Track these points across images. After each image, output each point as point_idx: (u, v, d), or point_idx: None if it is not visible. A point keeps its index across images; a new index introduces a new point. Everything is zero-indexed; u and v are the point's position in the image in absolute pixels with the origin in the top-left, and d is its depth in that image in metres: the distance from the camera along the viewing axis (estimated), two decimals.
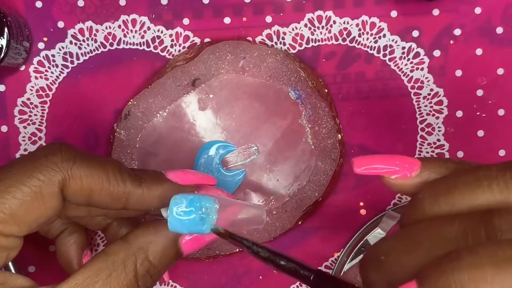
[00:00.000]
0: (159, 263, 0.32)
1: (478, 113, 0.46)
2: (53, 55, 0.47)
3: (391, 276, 0.26)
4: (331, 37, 0.46)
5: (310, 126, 0.45)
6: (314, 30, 0.46)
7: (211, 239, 0.33)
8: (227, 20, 0.46)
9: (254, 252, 0.29)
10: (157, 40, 0.46)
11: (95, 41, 0.47)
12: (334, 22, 0.46)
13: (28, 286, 0.30)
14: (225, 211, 0.32)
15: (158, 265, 0.32)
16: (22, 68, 0.47)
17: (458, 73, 0.46)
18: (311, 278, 0.28)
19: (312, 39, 0.46)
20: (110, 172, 0.32)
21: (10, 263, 0.44)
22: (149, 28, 0.46)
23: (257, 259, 0.29)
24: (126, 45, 0.47)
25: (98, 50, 0.47)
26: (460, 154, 0.46)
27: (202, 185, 0.35)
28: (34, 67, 0.47)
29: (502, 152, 0.46)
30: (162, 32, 0.46)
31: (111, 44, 0.47)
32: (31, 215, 0.30)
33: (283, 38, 0.46)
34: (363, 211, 0.47)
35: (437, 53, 0.46)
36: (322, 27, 0.46)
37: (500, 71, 0.46)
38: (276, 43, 0.46)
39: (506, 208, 0.25)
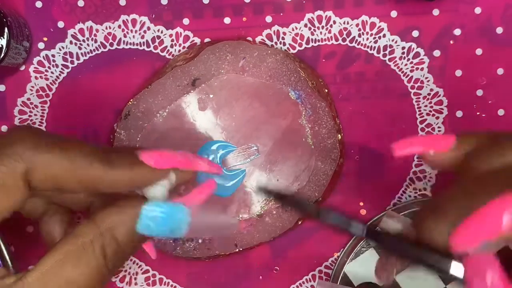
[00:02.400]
0: (126, 243, 0.31)
1: (478, 113, 0.46)
2: (53, 55, 0.47)
3: (455, 221, 0.27)
4: (331, 37, 0.46)
5: (310, 126, 0.45)
6: (314, 30, 0.46)
7: None
8: (227, 20, 0.46)
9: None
10: (157, 40, 0.46)
11: (95, 41, 0.47)
12: (334, 22, 0.46)
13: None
14: (196, 221, 0.31)
15: (126, 246, 0.31)
16: (22, 68, 0.47)
17: (458, 73, 0.46)
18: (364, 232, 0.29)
19: (312, 39, 0.46)
20: (77, 157, 0.30)
21: (9, 263, 0.44)
22: (149, 28, 0.46)
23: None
24: (126, 45, 0.47)
25: (98, 50, 0.47)
26: None
27: (179, 168, 0.34)
28: (34, 67, 0.47)
29: None
30: (162, 32, 0.46)
31: (111, 44, 0.47)
32: None
33: (283, 38, 0.46)
34: (363, 211, 0.47)
35: (437, 53, 0.46)
36: (322, 27, 0.46)
37: (500, 71, 0.46)
38: (276, 43, 0.46)
39: None
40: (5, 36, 0.43)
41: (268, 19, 0.46)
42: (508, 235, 0.26)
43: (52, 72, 0.47)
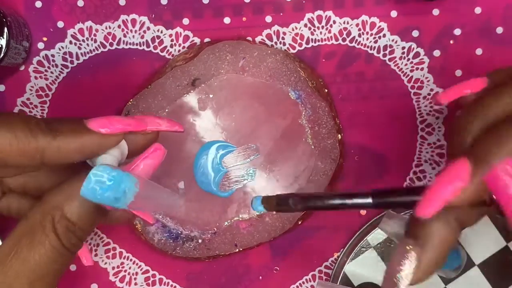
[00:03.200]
0: (78, 219, 0.31)
1: None
2: (52, 55, 0.47)
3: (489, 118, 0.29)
4: (331, 37, 0.46)
5: (310, 126, 0.45)
6: (314, 30, 0.46)
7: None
8: (227, 20, 0.46)
9: (302, 208, 0.29)
10: (157, 40, 0.46)
11: (95, 41, 0.46)
12: (334, 22, 0.46)
13: None
14: (143, 193, 0.30)
15: (78, 222, 0.31)
16: (22, 68, 0.47)
17: (458, 73, 0.46)
18: (371, 201, 0.28)
19: (312, 39, 0.46)
20: (17, 129, 0.29)
21: None
22: (149, 28, 0.46)
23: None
24: (126, 45, 0.47)
25: (98, 50, 0.47)
26: None
27: (129, 132, 0.32)
28: (34, 67, 0.47)
29: None
30: (162, 32, 0.46)
31: (111, 44, 0.47)
32: None
33: (283, 38, 0.46)
34: (363, 211, 0.47)
35: (437, 53, 0.46)
36: (322, 27, 0.46)
37: None
38: (276, 43, 0.46)
39: None
40: (5, 36, 0.43)
41: (268, 19, 0.46)
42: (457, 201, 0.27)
43: (51, 72, 0.47)
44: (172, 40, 0.46)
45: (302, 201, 0.29)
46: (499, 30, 0.45)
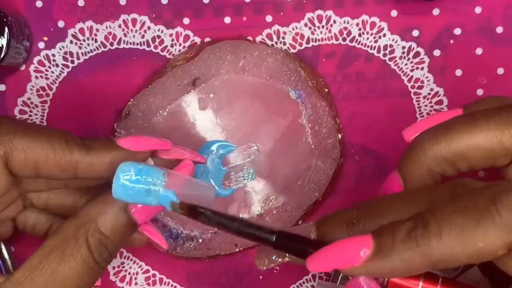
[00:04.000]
0: (111, 233, 0.31)
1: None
2: (53, 55, 0.47)
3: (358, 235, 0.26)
4: (331, 36, 0.46)
5: (310, 125, 0.45)
6: (314, 30, 0.46)
7: (163, 207, 0.32)
8: (227, 19, 0.46)
9: (216, 222, 0.28)
10: (157, 40, 0.46)
11: (96, 40, 0.47)
12: (334, 21, 0.46)
13: None
14: (173, 185, 0.31)
15: (111, 235, 0.31)
16: (23, 67, 0.47)
17: (458, 73, 0.46)
18: (274, 239, 0.28)
19: (312, 38, 0.46)
20: (55, 142, 0.31)
21: (9, 263, 0.44)
22: (149, 28, 0.46)
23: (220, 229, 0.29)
24: (127, 44, 0.47)
25: (98, 49, 0.47)
26: None
27: (157, 150, 0.34)
28: (35, 67, 0.47)
29: None
30: (162, 31, 0.46)
31: (111, 44, 0.47)
32: None
33: (283, 38, 0.46)
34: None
35: (437, 52, 0.46)
36: (322, 27, 0.46)
37: (500, 71, 0.46)
38: (276, 42, 0.46)
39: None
40: (5, 35, 0.43)
41: (268, 18, 0.46)
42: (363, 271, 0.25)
43: (52, 72, 0.47)
44: (172, 40, 0.46)
45: (218, 217, 0.29)
46: (499, 30, 0.45)
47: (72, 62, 0.47)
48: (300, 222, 0.46)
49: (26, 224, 0.38)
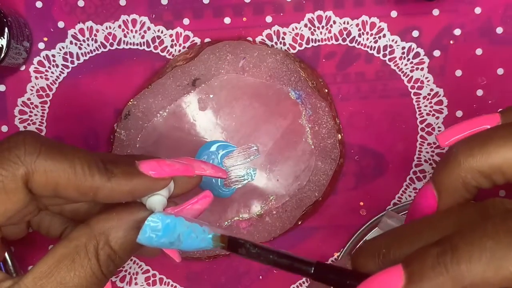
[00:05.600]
0: (120, 249, 0.31)
1: (478, 113, 0.46)
2: (53, 55, 0.47)
3: (390, 265, 0.26)
4: (331, 37, 0.46)
5: (310, 126, 0.45)
6: (314, 30, 0.46)
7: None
8: (227, 20, 0.46)
9: (255, 256, 0.29)
10: (157, 40, 0.46)
11: (95, 41, 0.47)
12: (334, 22, 0.46)
13: None
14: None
15: (120, 251, 0.31)
16: (23, 68, 0.47)
17: (458, 73, 0.46)
18: (312, 271, 0.28)
19: (312, 39, 0.46)
20: (78, 165, 0.31)
21: (9, 262, 0.44)
22: (149, 28, 0.46)
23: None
24: (126, 45, 0.47)
25: (98, 50, 0.47)
26: None
27: (178, 176, 0.33)
28: (35, 67, 0.47)
29: None
30: (162, 32, 0.46)
31: (111, 44, 0.47)
32: None
33: (283, 38, 0.46)
34: (363, 211, 0.47)
35: (437, 53, 0.46)
36: (322, 27, 0.46)
37: (500, 71, 0.46)
38: (276, 43, 0.46)
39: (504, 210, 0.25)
40: (5, 36, 0.43)
41: (268, 19, 0.46)
42: None
43: (52, 72, 0.47)
44: (172, 40, 0.46)
45: (258, 249, 0.29)
46: (499, 30, 0.45)
47: (72, 62, 0.47)
48: (300, 223, 0.46)
49: (41, 225, 0.38)
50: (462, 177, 0.28)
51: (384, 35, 0.46)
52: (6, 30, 0.43)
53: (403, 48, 0.46)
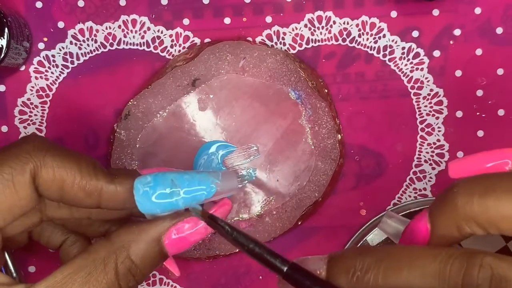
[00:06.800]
0: (141, 262, 0.31)
1: (478, 113, 0.46)
2: (53, 55, 0.47)
3: None
4: (331, 37, 0.46)
5: (310, 126, 0.45)
6: (314, 31, 0.46)
7: (196, 239, 0.32)
8: (227, 20, 0.46)
9: (232, 238, 0.28)
10: (157, 41, 0.46)
11: (95, 41, 0.47)
12: (334, 22, 0.46)
13: (6, 282, 0.30)
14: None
15: (141, 265, 0.31)
16: (22, 68, 0.47)
17: (458, 73, 0.46)
18: (285, 270, 0.27)
19: (312, 39, 0.46)
20: (83, 165, 0.31)
21: (9, 263, 0.44)
22: (149, 29, 0.46)
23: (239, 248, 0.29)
24: (126, 45, 0.47)
25: (98, 50, 0.47)
26: (460, 154, 0.46)
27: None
28: (34, 67, 0.47)
29: None
30: (162, 32, 0.46)
31: (111, 45, 0.47)
32: (4, 204, 0.30)
33: (283, 38, 0.46)
34: (363, 211, 0.47)
35: (437, 53, 0.46)
36: (322, 27, 0.46)
37: (500, 71, 0.46)
38: (276, 43, 0.46)
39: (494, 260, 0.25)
40: (5, 36, 0.43)
41: (268, 19, 0.46)
42: None
43: (52, 72, 0.47)
44: (172, 41, 0.46)
45: (236, 233, 0.28)
46: (499, 30, 0.45)
47: (72, 62, 0.47)
48: (300, 223, 0.46)
49: (42, 235, 0.38)
50: (457, 221, 0.27)
51: (384, 35, 0.46)
52: (6, 30, 0.43)
53: (403, 48, 0.46)
